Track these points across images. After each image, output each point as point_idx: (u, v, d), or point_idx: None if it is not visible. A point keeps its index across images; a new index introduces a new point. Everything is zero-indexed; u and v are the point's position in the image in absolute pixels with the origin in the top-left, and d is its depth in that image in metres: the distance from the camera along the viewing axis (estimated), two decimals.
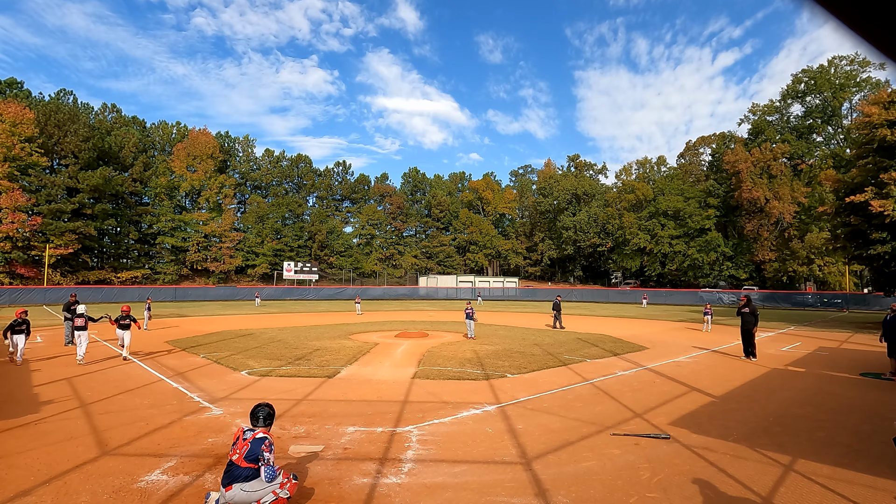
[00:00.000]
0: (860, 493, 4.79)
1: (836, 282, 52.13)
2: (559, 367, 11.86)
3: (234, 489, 4.12)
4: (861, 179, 25.76)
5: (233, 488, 4.12)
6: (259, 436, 4.34)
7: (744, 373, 11.26)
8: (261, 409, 4.56)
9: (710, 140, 71.77)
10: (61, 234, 47.59)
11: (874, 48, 0.73)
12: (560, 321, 21.90)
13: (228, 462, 4.29)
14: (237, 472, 4.18)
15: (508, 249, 77.15)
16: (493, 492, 4.81)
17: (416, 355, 13.49)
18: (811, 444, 6.26)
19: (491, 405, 8.16)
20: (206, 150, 62.53)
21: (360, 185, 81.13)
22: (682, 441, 6.34)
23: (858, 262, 29.91)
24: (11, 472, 5.19)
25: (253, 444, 4.25)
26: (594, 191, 76.02)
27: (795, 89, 60.46)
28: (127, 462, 5.54)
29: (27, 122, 46.51)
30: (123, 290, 46.28)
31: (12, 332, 11.41)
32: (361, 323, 24.54)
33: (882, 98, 26.09)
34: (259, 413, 4.54)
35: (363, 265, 72.06)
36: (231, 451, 4.36)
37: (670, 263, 62.61)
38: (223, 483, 4.20)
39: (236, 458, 4.23)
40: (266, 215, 68.12)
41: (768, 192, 56.16)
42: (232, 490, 4.12)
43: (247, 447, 4.25)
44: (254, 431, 4.40)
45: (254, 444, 4.26)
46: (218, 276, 61.45)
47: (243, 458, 4.20)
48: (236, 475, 4.17)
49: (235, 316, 28.77)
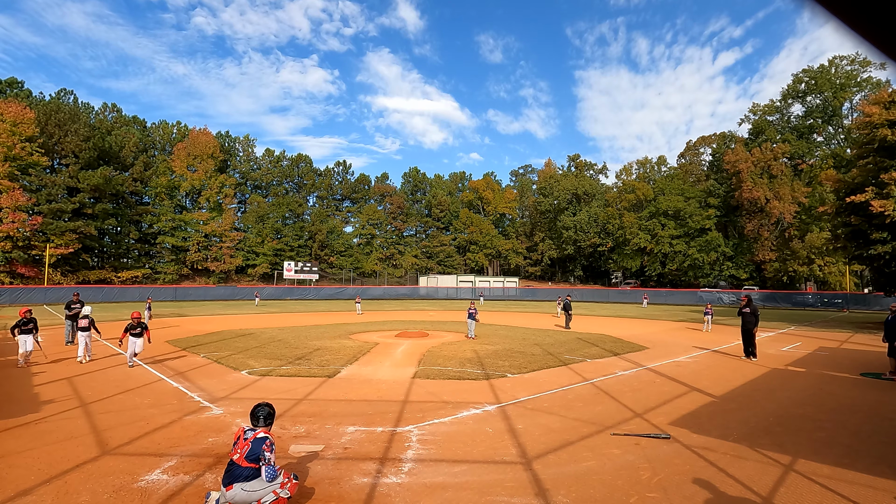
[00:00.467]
0: (860, 493, 4.78)
1: (836, 282, 52.12)
2: (559, 366, 11.86)
3: (235, 489, 4.13)
4: (861, 179, 25.74)
5: (233, 488, 4.13)
6: (260, 435, 4.34)
7: (744, 373, 11.25)
8: (261, 409, 4.56)
9: (711, 140, 71.76)
10: (62, 233, 47.61)
11: (875, 48, 0.73)
12: (569, 322, 21.92)
13: (229, 462, 4.30)
14: (238, 472, 4.18)
15: (509, 249, 77.15)
16: (493, 491, 4.81)
17: (417, 355, 13.49)
18: (811, 444, 6.26)
19: (491, 405, 8.16)
20: (206, 150, 62.55)
21: (360, 184, 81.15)
22: (683, 441, 6.34)
23: (859, 262, 29.90)
24: (12, 472, 5.20)
25: (254, 444, 4.26)
26: (594, 191, 76.01)
27: (796, 89, 60.44)
28: (127, 461, 5.55)
29: (28, 122, 46.54)
30: (124, 290, 46.33)
31: (20, 331, 11.38)
32: (362, 323, 24.53)
33: (882, 98, 26.06)
34: (259, 413, 4.54)
35: (363, 265, 72.07)
36: (232, 450, 4.36)
37: (670, 263, 62.61)
38: (224, 483, 4.21)
39: (237, 458, 4.23)
40: (266, 215, 68.14)
41: (769, 192, 56.15)
42: (233, 490, 4.13)
43: (248, 447, 4.25)
44: (254, 431, 4.40)
45: (254, 443, 4.26)
46: (218, 275, 61.47)
47: (244, 458, 4.20)
48: (237, 475, 4.17)
49: (236, 316, 28.77)
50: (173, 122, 70.99)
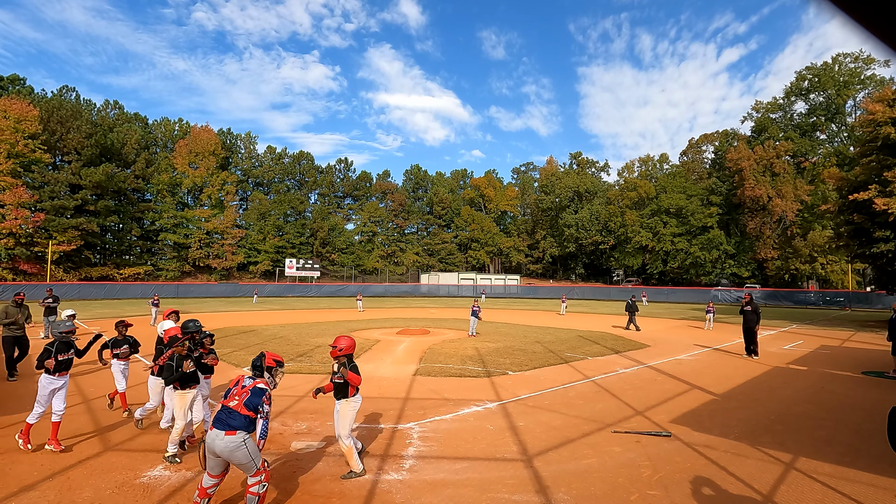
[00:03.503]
0: (861, 492, 4.78)
1: (838, 280, 51.95)
2: (560, 364, 11.87)
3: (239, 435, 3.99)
4: (864, 177, 25.65)
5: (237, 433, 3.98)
6: (260, 385, 4.26)
7: (745, 371, 11.25)
8: (258, 360, 4.56)
9: (713, 137, 71.52)
10: (64, 230, 47.70)
11: (882, 43, 0.73)
12: (635, 323, 20.11)
13: (223, 408, 4.13)
14: (235, 420, 4.03)
15: (510, 247, 77.10)
16: (494, 488, 4.82)
17: (418, 352, 13.51)
18: (812, 443, 6.26)
19: (492, 402, 8.17)
20: (208, 147, 62.58)
21: (361, 182, 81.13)
22: (684, 439, 6.34)
23: (861, 261, 29.80)
24: (15, 468, 5.23)
25: (253, 393, 4.17)
26: (596, 188, 75.86)
27: (799, 86, 60.17)
28: (129, 457, 5.58)
29: (31, 119, 46.58)
30: (126, 287, 46.46)
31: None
32: (363, 320, 24.56)
33: (886, 96, 25.90)
34: (257, 362, 4.54)
35: (365, 262, 72.13)
36: (227, 397, 4.21)
37: (672, 261, 62.50)
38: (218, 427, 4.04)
39: (234, 405, 4.10)
40: (268, 212, 68.20)
41: (771, 190, 55.96)
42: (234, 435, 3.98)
43: (247, 394, 4.15)
44: (254, 380, 4.33)
45: (254, 392, 4.18)
46: (220, 272, 61.58)
47: (243, 405, 4.09)
48: (233, 423, 4.02)
49: (237, 313, 28.84)
50: (175, 120, 71.17)
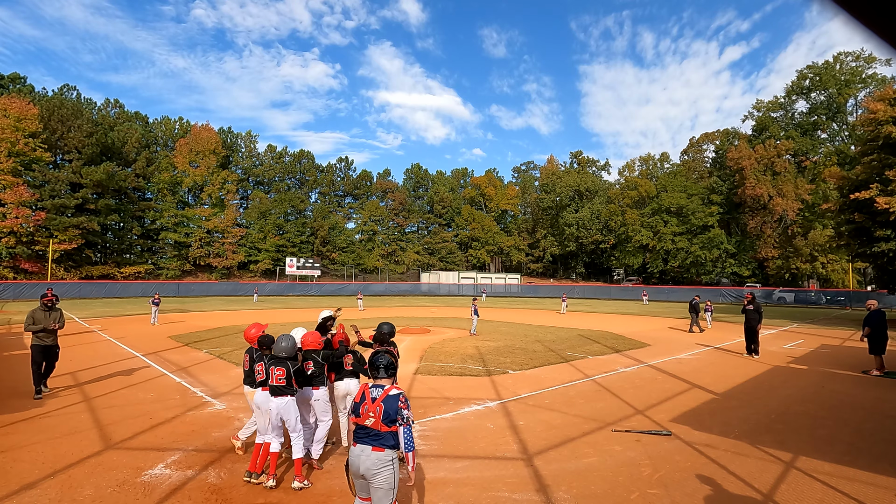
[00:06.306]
0: (862, 491, 4.78)
1: (839, 279, 51.94)
2: (561, 363, 11.87)
3: (386, 452, 3.43)
4: (866, 176, 25.62)
5: (385, 451, 3.42)
6: (392, 392, 3.53)
7: (746, 370, 11.24)
8: (381, 358, 3.70)
9: (714, 136, 71.47)
10: (65, 229, 47.74)
11: (884, 42, 0.72)
12: (698, 324, 19.55)
13: (360, 427, 3.49)
14: (380, 438, 3.44)
15: (511, 246, 77.12)
16: (494, 487, 4.82)
17: (419, 351, 13.52)
18: (813, 442, 6.26)
19: (492, 401, 8.18)
20: (208, 146, 62.61)
21: (362, 181, 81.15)
22: (684, 438, 6.34)
23: (862, 260, 29.79)
24: (16, 466, 5.24)
25: (387, 404, 3.45)
26: (597, 187, 75.84)
27: (800, 85, 60.07)
28: (131, 456, 5.58)
29: (31, 118, 46.60)
30: (126, 286, 46.55)
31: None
32: (364, 319, 24.56)
33: (888, 94, 25.86)
34: (379, 362, 3.68)
35: (365, 261, 72.15)
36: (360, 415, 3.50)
37: (673, 260, 62.48)
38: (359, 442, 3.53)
39: (372, 423, 3.44)
40: (268, 211, 68.24)
41: (772, 189, 55.92)
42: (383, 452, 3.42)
43: (380, 409, 3.44)
44: (382, 389, 3.56)
45: (387, 402, 3.46)
46: (220, 271, 61.65)
47: (381, 422, 3.41)
48: (380, 441, 3.44)
49: (238, 311, 28.86)
50: (175, 118, 71.18)
